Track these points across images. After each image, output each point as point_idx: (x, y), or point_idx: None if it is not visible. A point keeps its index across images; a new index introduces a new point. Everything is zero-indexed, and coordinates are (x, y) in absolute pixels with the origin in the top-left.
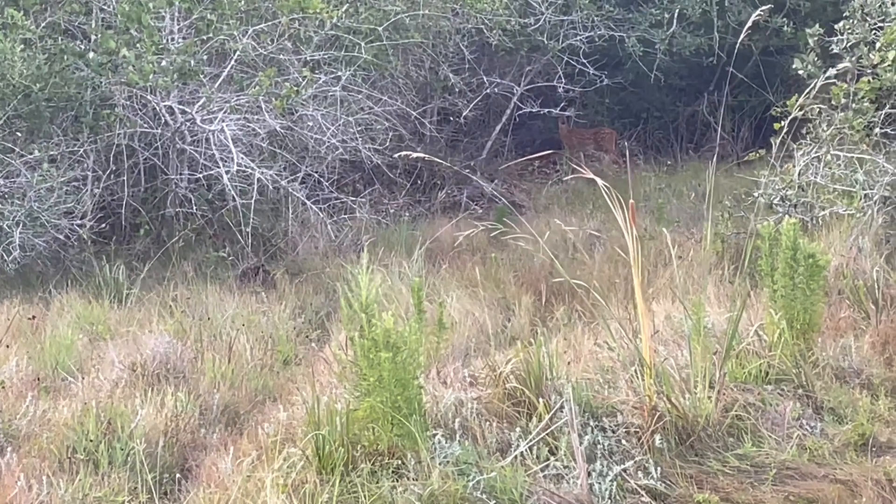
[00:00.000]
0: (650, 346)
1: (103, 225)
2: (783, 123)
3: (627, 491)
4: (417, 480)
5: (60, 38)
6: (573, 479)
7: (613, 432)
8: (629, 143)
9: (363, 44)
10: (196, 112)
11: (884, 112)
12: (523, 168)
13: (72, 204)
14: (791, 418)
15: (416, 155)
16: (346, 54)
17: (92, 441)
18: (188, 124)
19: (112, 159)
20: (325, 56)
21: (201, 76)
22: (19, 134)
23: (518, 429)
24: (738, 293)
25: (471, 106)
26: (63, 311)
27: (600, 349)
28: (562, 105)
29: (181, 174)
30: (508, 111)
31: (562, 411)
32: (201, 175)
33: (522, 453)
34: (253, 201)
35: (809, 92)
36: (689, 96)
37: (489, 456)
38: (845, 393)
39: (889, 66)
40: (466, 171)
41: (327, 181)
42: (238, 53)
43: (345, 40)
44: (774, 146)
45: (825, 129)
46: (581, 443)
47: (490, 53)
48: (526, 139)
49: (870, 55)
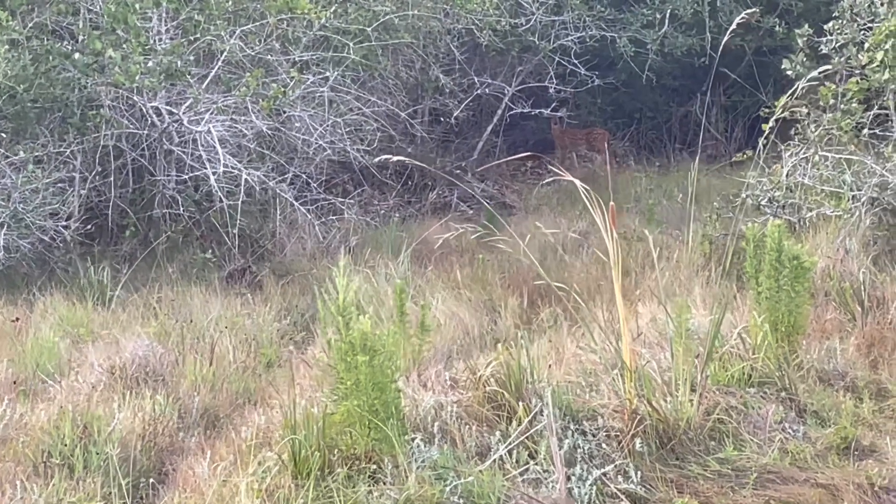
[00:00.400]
0: (631, 349)
1: (89, 226)
2: (771, 124)
3: (607, 495)
4: (394, 485)
5: (47, 39)
6: (552, 484)
7: (594, 436)
8: (622, 144)
9: (352, 44)
10: (183, 113)
11: (872, 113)
12: (515, 169)
13: (57, 205)
14: (773, 421)
15: (397, 158)
16: (335, 55)
17: (67, 445)
18: (175, 125)
19: (99, 160)
20: (314, 57)
21: (188, 77)
22: (4, 135)
23: (498, 433)
24: (720, 295)
25: (462, 107)
26: (46, 314)
27: (583, 352)
28: (553, 105)
29: (168, 175)
30: (500, 112)
31: (542, 415)
32: (187, 176)
33: (502, 457)
34: (240, 202)
35: (794, 93)
36: (683, 97)
37: (468, 460)
38: (829, 396)
39: (877, 67)
40: (458, 172)
41: (316, 182)
42: (225, 54)
43: (334, 41)
44: (761, 147)
45: (813, 130)
46: (561, 447)
47: (481, 54)
48: (519, 140)
49: (858, 56)
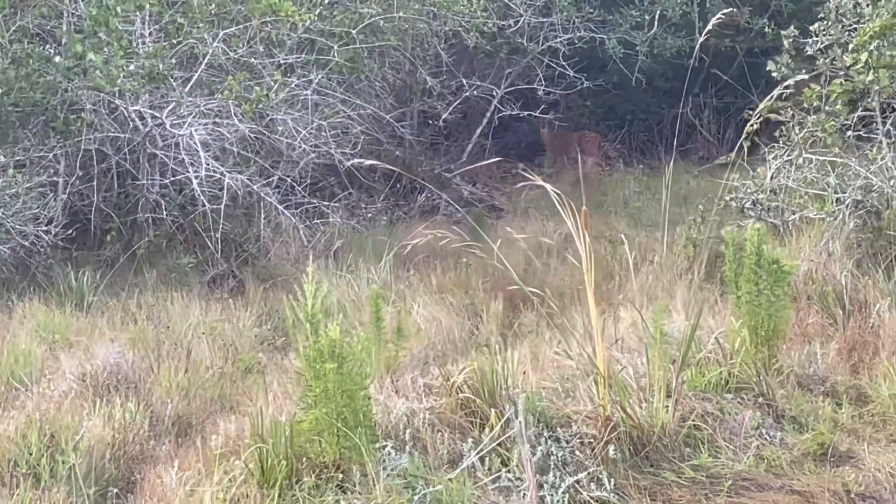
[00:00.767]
0: (605, 355)
1: (70, 231)
2: (753, 126)
3: (579, 503)
4: (361, 494)
5: (28, 42)
6: (524, 492)
7: (568, 443)
8: (614, 146)
9: (336, 47)
10: (166, 117)
11: (857, 114)
12: (506, 171)
13: (38, 210)
14: (750, 427)
15: (370, 162)
16: (320, 58)
17: (33, 455)
18: (158, 129)
19: (82, 164)
20: (298, 59)
21: (171, 80)
22: None
23: (470, 440)
24: (695, 300)
25: (450, 109)
26: (25, 320)
27: (559, 357)
28: (542, 108)
29: (152, 179)
30: (489, 114)
31: (515, 421)
32: (167, 181)
33: (474, 465)
34: (223, 207)
35: (773, 96)
36: (674, 98)
37: (439, 468)
38: (808, 401)
39: (862, 68)
40: (446, 175)
41: (302, 186)
42: (208, 57)
43: (319, 44)
44: (745, 149)
45: (798, 133)
46: (533, 454)
47: (469, 56)
48: (511, 142)
49: (843, 57)
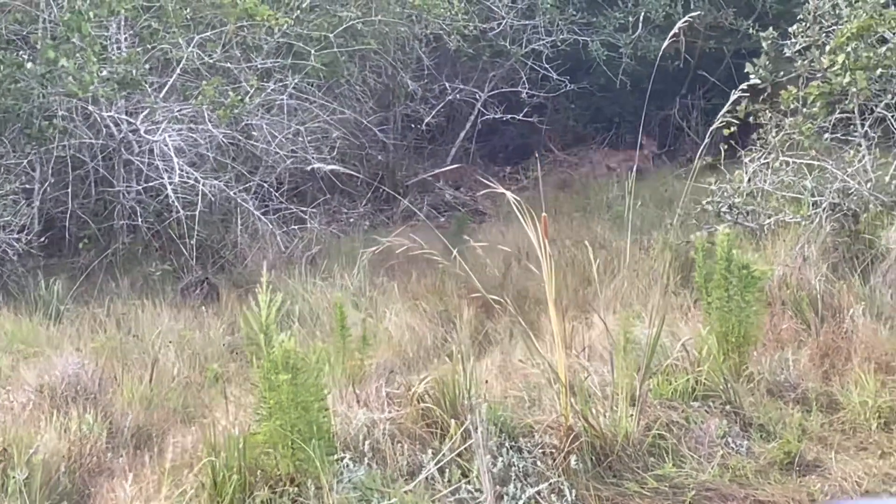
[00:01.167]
0: (566, 364)
1: (42, 239)
2: (732, 129)
3: None
4: None
5: (1, 49)
6: None
7: (530, 453)
8: (602, 148)
9: (313, 51)
10: (141, 122)
11: (834, 117)
12: (493, 174)
13: (9, 217)
14: (716, 436)
15: (329, 167)
16: (297, 62)
17: None
18: (133, 135)
19: (57, 171)
20: (276, 64)
21: (146, 86)
22: None
23: (430, 451)
24: (661, 306)
25: (433, 113)
26: None
27: (525, 365)
28: (525, 111)
29: (128, 186)
30: (472, 117)
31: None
32: (141, 187)
33: (433, 476)
34: (198, 213)
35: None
36: (662, 100)
37: (398, 480)
38: (777, 408)
39: (839, 70)
40: (430, 179)
41: (281, 191)
42: (183, 62)
43: (296, 48)
44: (722, 152)
45: (775, 135)
46: (495, 465)
47: (453, 59)
48: (498, 145)
49: (821, 58)
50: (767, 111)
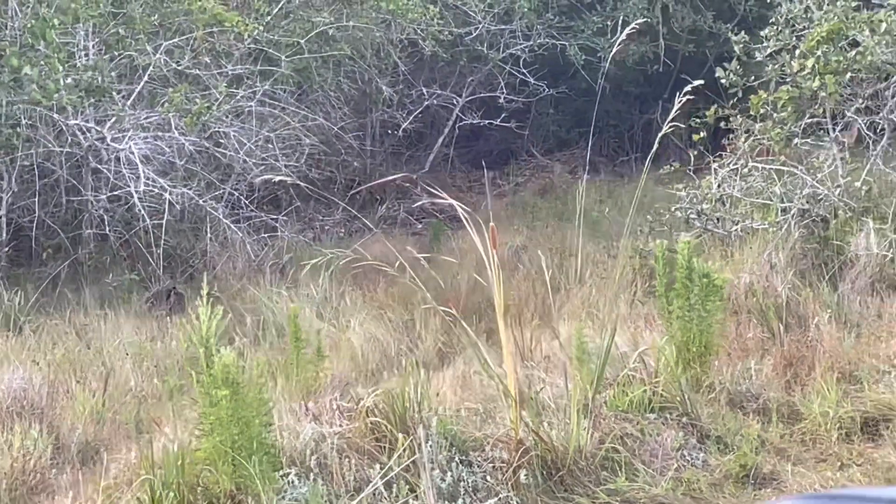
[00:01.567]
0: (516, 376)
1: (7, 249)
2: (701, 134)
3: None
4: None
5: None
6: None
7: (480, 468)
8: (584, 153)
9: (283, 57)
10: (108, 130)
11: (804, 122)
12: (474, 180)
13: None
14: (671, 449)
15: (280, 177)
16: (267, 68)
17: None
18: (101, 143)
19: (24, 180)
20: (246, 70)
21: (113, 93)
22: None
23: (378, 465)
24: (610, 316)
25: (410, 118)
26: None
27: (479, 376)
28: (503, 116)
29: (97, 194)
30: (450, 123)
31: (425, 446)
32: (105, 196)
33: (380, 492)
34: (165, 221)
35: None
36: (645, 104)
37: (344, 495)
38: (737, 419)
39: (808, 75)
40: (407, 185)
41: (254, 199)
42: (151, 69)
43: (268, 54)
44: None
45: (745, 141)
46: (444, 479)
47: (430, 64)
48: (482, 150)
49: (791, 63)
50: (738, 116)
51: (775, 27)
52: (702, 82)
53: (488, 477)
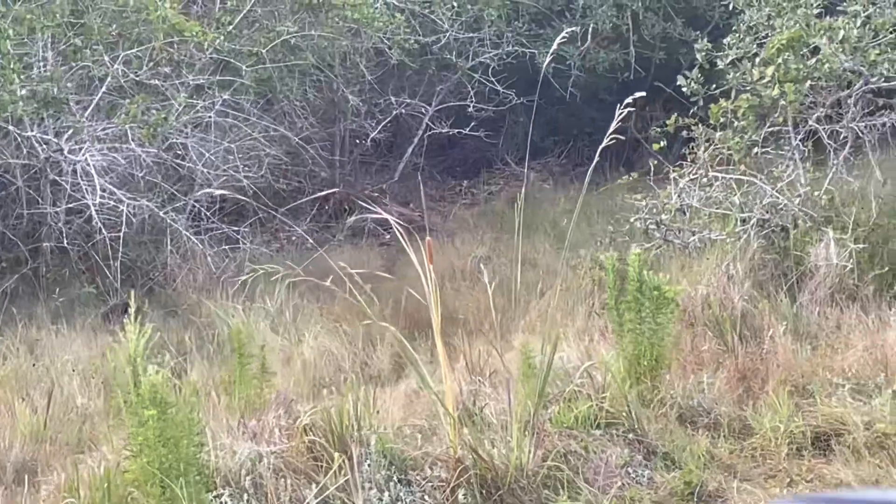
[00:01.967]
0: (454, 393)
1: None
2: (662, 144)
3: None
4: None
5: None
6: None
7: (419, 487)
8: (559, 162)
9: (245, 67)
10: (65, 142)
11: (764, 131)
12: (449, 189)
13: None
14: (616, 466)
15: (220, 192)
16: (229, 78)
17: None
18: (58, 155)
19: None
20: (207, 81)
21: (70, 104)
22: None
23: (314, 485)
24: (550, 329)
25: (379, 128)
26: None
27: (423, 391)
28: (472, 125)
29: (56, 207)
30: (420, 132)
31: (366, 464)
32: (62, 208)
33: None
34: (122, 234)
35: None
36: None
37: None
38: (686, 435)
39: (768, 83)
40: (376, 195)
41: (217, 210)
42: (109, 80)
43: (231, 64)
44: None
45: (704, 150)
46: (381, 499)
47: (399, 73)
48: (457, 159)
49: (752, 71)
50: (699, 125)
51: (737, 35)
52: (658, 91)
53: (427, 497)
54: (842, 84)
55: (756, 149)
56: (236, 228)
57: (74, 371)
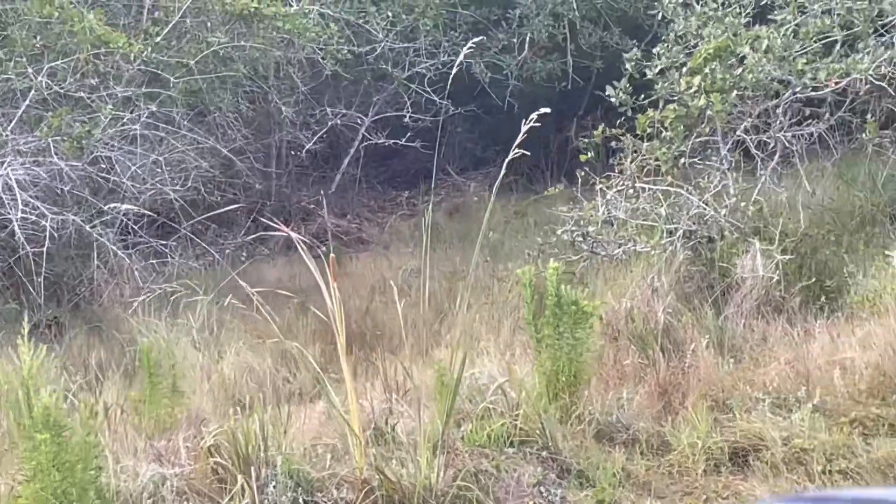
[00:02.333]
0: (359, 412)
1: None
2: (589, 154)
3: None
4: None
5: None
6: None
7: None
8: (499, 172)
9: (173, 78)
10: None
11: (692, 141)
12: (389, 200)
13: None
14: (528, 485)
15: (126, 207)
16: (157, 90)
17: None
18: None
19: None
20: (134, 93)
21: None
22: None
23: None
24: (462, 343)
25: (315, 139)
26: None
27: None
28: (409, 135)
29: None
30: (356, 143)
31: (271, 487)
32: None
33: None
34: (46, 248)
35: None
36: (561, 122)
37: None
38: (602, 452)
39: (695, 93)
40: (312, 206)
41: (146, 223)
42: (33, 93)
43: (160, 76)
44: (580, 178)
45: (631, 161)
46: None
47: (334, 84)
48: (399, 169)
49: (680, 80)
50: (626, 136)
51: (666, 44)
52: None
53: None
54: (769, 94)
55: (683, 159)
56: (164, 242)
57: None
